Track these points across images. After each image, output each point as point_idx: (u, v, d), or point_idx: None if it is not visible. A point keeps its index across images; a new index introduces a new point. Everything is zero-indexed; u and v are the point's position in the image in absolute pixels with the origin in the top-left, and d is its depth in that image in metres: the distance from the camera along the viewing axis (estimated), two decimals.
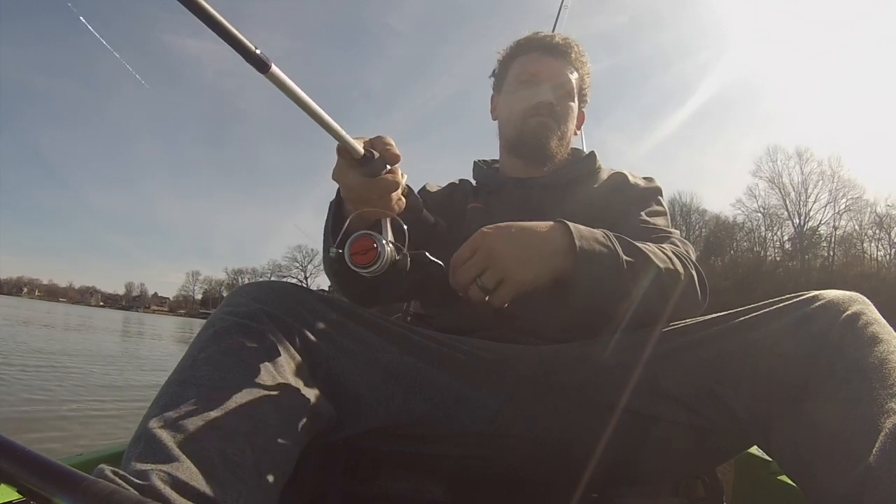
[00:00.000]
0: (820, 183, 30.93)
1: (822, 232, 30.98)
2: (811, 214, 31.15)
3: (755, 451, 0.91)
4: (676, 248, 0.76)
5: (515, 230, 0.66)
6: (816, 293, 0.61)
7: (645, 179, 0.95)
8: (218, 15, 0.40)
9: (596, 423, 0.66)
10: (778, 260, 32.19)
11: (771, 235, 32.85)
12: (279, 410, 0.53)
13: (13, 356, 6.43)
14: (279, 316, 0.60)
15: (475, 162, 1.05)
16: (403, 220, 0.68)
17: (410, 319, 0.96)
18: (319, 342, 0.62)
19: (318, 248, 0.76)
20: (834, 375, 0.54)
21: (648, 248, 0.71)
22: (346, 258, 0.61)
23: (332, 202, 0.75)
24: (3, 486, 0.34)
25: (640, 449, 0.67)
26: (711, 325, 0.66)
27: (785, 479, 0.88)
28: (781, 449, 0.57)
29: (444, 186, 1.05)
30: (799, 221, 31.36)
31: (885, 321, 0.58)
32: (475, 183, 1.03)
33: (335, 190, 0.72)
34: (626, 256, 0.67)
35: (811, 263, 30.41)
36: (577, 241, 0.65)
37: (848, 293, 0.61)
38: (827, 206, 30.75)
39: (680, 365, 0.64)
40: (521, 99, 0.95)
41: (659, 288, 0.68)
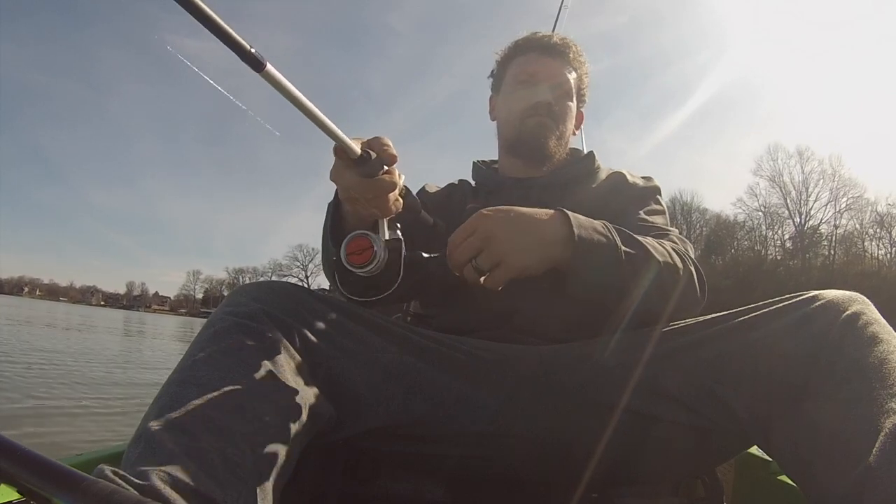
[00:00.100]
0: (821, 182, 30.92)
1: (822, 231, 30.97)
2: (812, 213, 31.14)
3: (755, 451, 0.91)
4: (675, 245, 0.76)
5: (515, 214, 0.66)
6: (816, 293, 0.61)
7: (643, 179, 0.95)
8: (212, 13, 0.39)
9: (596, 423, 0.66)
10: (779, 259, 32.14)
11: (772, 234, 32.86)
12: (279, 410, 0.53)
13: (16, 354, 6.45)
14: (279, 316, 0.60)
15: (474, 162, 1.05)
16: (402, 220, 0.68)
17: (410, 319, 0.96)
18: (319, 342, 0.62)
19: (318, 246, 0.76)
20: (834, 375, 0.54)
21: (648, 241, 0.71)
22: (342, 258, 0.61)
23: (330, 203, 0.75)
24: (3, 486, 0.34)
25: (640, 449, 0.67)
26: (711, 325, 0.66)
27: (785, 479, 0.88)
28: (781, 449, 0.57)
29: (443, 187, 1.05)
30: (800, 220, 31.35)
31: (884, 321, 0.58)
32: (474, 183, 1.03)
33: (335, 190, 0.72)
34: (624, 247, 0.67)
35: (812, 262, 30.37)
36: (575, 229, 0.65)
37: (848, 293, 0.61)
38: (828, 204, 30.74)
39: (680, 365, 0.64)
40: (519, 99, 0.95)
41: (659, 282, 0.68)
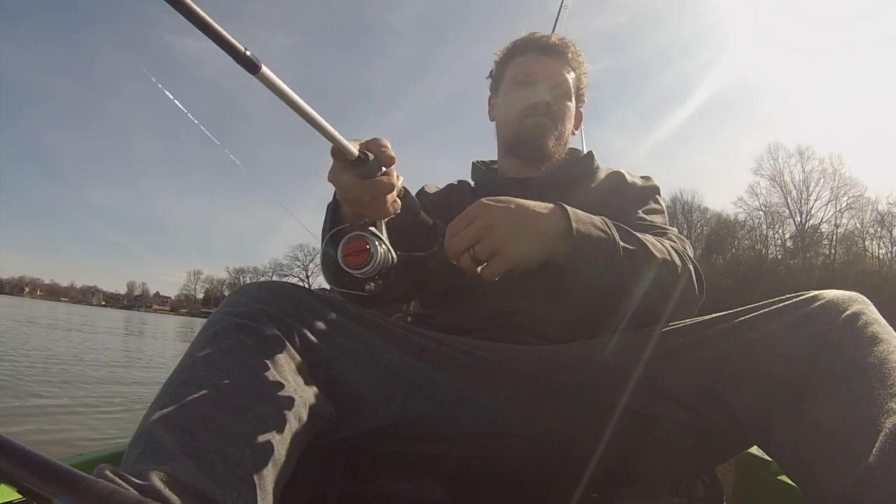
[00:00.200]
0: (821, 181, 30.82)
1: (823, 230, 30.91)
2: (812, 212, 31.06)
3: (755, 451, 0.91)
4: (674, 243, 0.76)
5: (515, 206, 0.66)
6: (816, 293, 0.62)
7: (642, 178, 0.95)
8: (207, 16, 0.39)
9: (596, 423, 0.66)
10: (779, 258, 32.10)
11: (772, 233, 32.80)
12: (279, 410, 0.53)
13: (18, 354, 6.47)
14: (279, 316, 0.60)
15: (473, 163, 1.05)
16: (401, 221, 0.68)
17: (410, 319, 0.96)
18: (319, 342, 0.62)
19: (318, 246, 0.76)
20: (834, 375, 0.54)
21: (646, 238, 0.71)
22: (339, 259, 0.61)
23: (329, 204, 0.75)
24: (3, 486, 0.34)
25: (640, 449, 0.67)
26: (711, 325, 0.66)
27: (785, 479, 0.88)
28: (781, 449, 0.57)
29: (442, 188, 1.05)
30: (800, 219, 31.28)
31: (884, 321, 0.58)
32: (473, 184, 1.03)
33: (334, 190, 0.72)
34: (623, 243, 0.67)
35: (813, 261, 30.35)
36: (573, 223, 0.66)
37: (848, 293, 0.61)
38: (828, 203, 30.65)
39: (680, 365, 0.64)
40: (517, 99, 0.95)
41: (658, 280, 0.68)
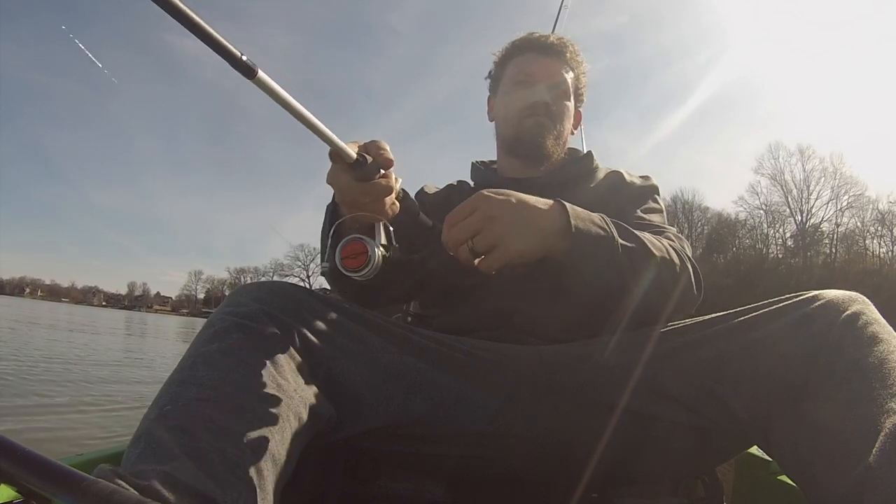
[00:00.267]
0: (822, 180, 30.78)
1: (824, 229, 30.86)
2: (813, 211, 31.02)
3: (755, 451, 0.91)
4: (672, 242, 0.76)
5: (515, 200, 0.66)
6: (816, 293, 0.62)
7: (642, 178, 0.95)
8: (203, 22, 0.39)
9: (596, 423, 0.66)
10: (780, 257, 32.07)
11: (773, 232, 32.76)
12: (279, 410, 0.53)
13: (21, 353, 6.49)
14: (279, 316, 0.60)
15: (473, 163, 1.05)
16: (400, 223, 0.68)
17: (410, 319, 0.96)
18: (319, 342, 0.62)
19: (319, 246, 0.76)
20: (834, 375, 0.54)
21: (645, 236, 0.71)
22: (336, 262, 0.61)
23: (328, 206, 0.75)
24: (3, 486, 0.34)
25: (639, 449, 0.67)
26: (711, 325, 0.66)
27: (785, 479, 0.88)
28: (781, 449, 0.57)
29: (441, 188, 1.05)
30: (801, 218, 31.23)
31: (884, 321, 0.58)
32: (473, 184, 1.03)
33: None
34: (622, 241, 0.67)
35: (813, 260, 30.30)
36: (572, 220, 0.66)
37: (848, 293, 0.61)
38: (829, 203, 30.61)
39: (680, 365, 0.64)
40: (516, 99, 0.95)
41: (657, 278, 0.68)
